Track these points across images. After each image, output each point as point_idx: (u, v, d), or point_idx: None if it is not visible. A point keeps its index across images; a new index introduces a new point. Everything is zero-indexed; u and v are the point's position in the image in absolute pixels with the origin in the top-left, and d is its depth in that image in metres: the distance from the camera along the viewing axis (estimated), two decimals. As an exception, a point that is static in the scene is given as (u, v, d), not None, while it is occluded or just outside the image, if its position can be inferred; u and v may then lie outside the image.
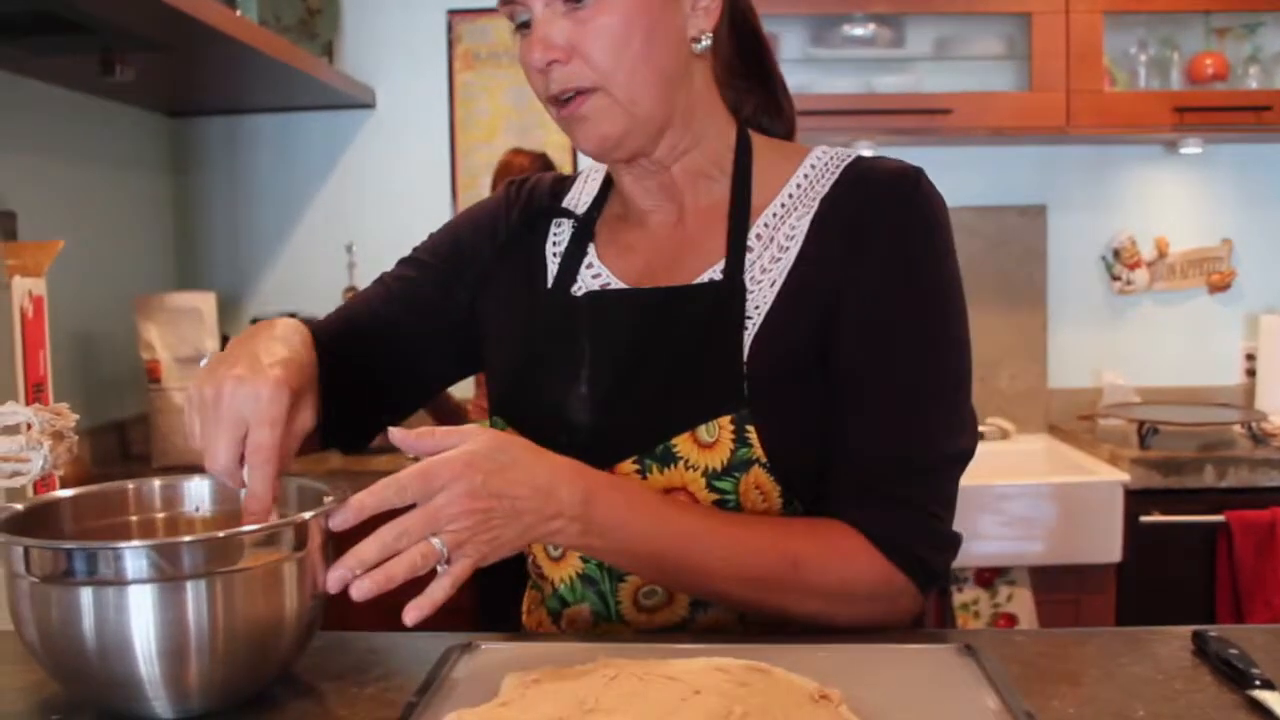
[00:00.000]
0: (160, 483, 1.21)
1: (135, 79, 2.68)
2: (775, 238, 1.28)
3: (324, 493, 1.13)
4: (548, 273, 1.38)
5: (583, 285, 1.35)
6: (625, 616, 1.29)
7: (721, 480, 1.22)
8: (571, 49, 1.22)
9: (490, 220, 1.46)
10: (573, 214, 1.41)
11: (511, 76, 3.68)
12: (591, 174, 1.46)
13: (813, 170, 1.31)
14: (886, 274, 1.22)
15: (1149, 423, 3.19)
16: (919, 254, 1.23)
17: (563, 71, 1.22)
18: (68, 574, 0.96)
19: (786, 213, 1.29)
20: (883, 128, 3.36)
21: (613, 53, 1.22)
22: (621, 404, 1.28)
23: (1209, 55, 3.45)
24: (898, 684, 1.04)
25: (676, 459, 1.23)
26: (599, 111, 1.24)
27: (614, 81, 1.23)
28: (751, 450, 1.20)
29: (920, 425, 1.21)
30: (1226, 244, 3.69)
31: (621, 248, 1.37)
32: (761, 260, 1.27)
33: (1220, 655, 1.10)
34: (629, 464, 1.25)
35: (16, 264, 1.73)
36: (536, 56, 1.22)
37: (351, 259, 3.70)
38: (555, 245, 1.40)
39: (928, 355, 1.22)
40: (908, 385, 1.21)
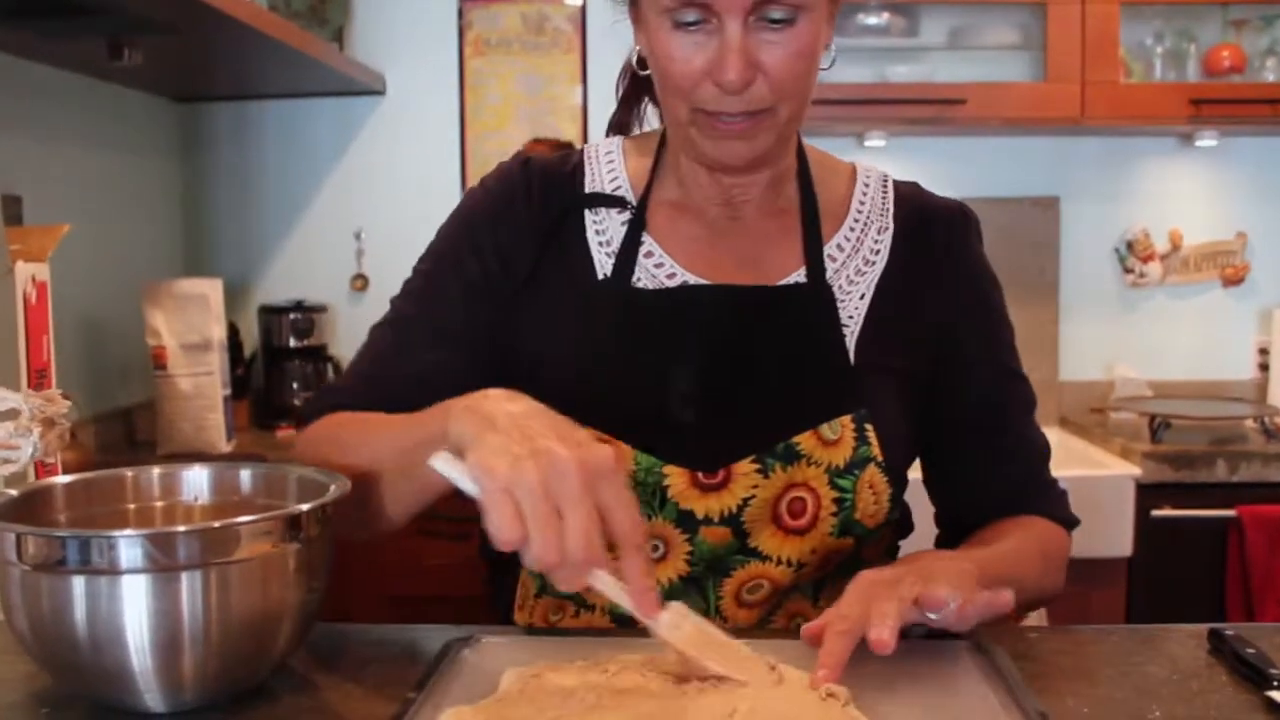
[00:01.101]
0: (159, 470, 1.19)
1: (143, 63, 2.65)
2: (860, 250, 1.34)
3: (325, 483, 1.11)
4: (595, 264, 1.33)
5: (643, 275, 1.32)
6: (725, 613, 1.28)
7: (843, 478, 1.25)
8: (759, 68, 1.18)
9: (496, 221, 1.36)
10: (627, 202, 1.35)
11: (523, 63, 3.66)
12: (601, 154, 1.40)
13: (868, 186, 1.38)
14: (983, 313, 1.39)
15: (1161, 416, 3.16)
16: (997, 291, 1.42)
17: (749, 91, 1.18)
18: (60, 562, 0.95)
19: (865, 226, 1.35)
20: (896, 118, 3.33)
21: (799, 77, 1.20)
22: (730, 402, 1.27)
23: (1226, 47, 3.41)
24: (908, 681, 1.03)
25: (800, 456, 1.25)
26: (763, 132, 1.22)
27: (787, 104, 1.21)
28: (870, 448, 1.25)
29: (1034, 423, 1.41)
30: (1241, 238, 3.66)
31: (683, 238, 1.34)
32: (847, 271, 1.33)
33: (1238, 654, 1.08)
34: (747, 463, 1.24)
35: (20, 248, 1.71)
36: (733, 76, 1.16)
37: (360, 246, 3.68)
38: (600, 235, 1.35)
39: (1021, 367, 1.41)
40: (1020, 399, 1.40)
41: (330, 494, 1.07)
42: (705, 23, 1.17)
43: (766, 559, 1.26)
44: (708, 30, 1.17)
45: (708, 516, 1.25)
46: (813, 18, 1.18)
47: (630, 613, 0.96)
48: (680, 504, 1.25)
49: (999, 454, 1.38)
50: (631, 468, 1.24)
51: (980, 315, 1.39)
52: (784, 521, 1.25)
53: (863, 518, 1.25)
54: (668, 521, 1.26)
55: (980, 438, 1.37)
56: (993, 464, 1.38)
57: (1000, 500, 1.37)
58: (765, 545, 1.26)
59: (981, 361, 1.37)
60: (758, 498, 1.24)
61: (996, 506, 1.37)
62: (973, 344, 1.37)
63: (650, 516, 1.26)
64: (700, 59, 1.17)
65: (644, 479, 1.24)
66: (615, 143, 1.42)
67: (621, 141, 1.43)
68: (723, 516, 1.25)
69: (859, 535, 1.27)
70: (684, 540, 1.26)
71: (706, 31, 1.17)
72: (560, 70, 3.66)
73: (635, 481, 1.24)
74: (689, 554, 1.27)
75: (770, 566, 1.27)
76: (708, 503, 1.25)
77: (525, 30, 3.66)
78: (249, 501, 1.18)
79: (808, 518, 1.24)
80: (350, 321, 3.70)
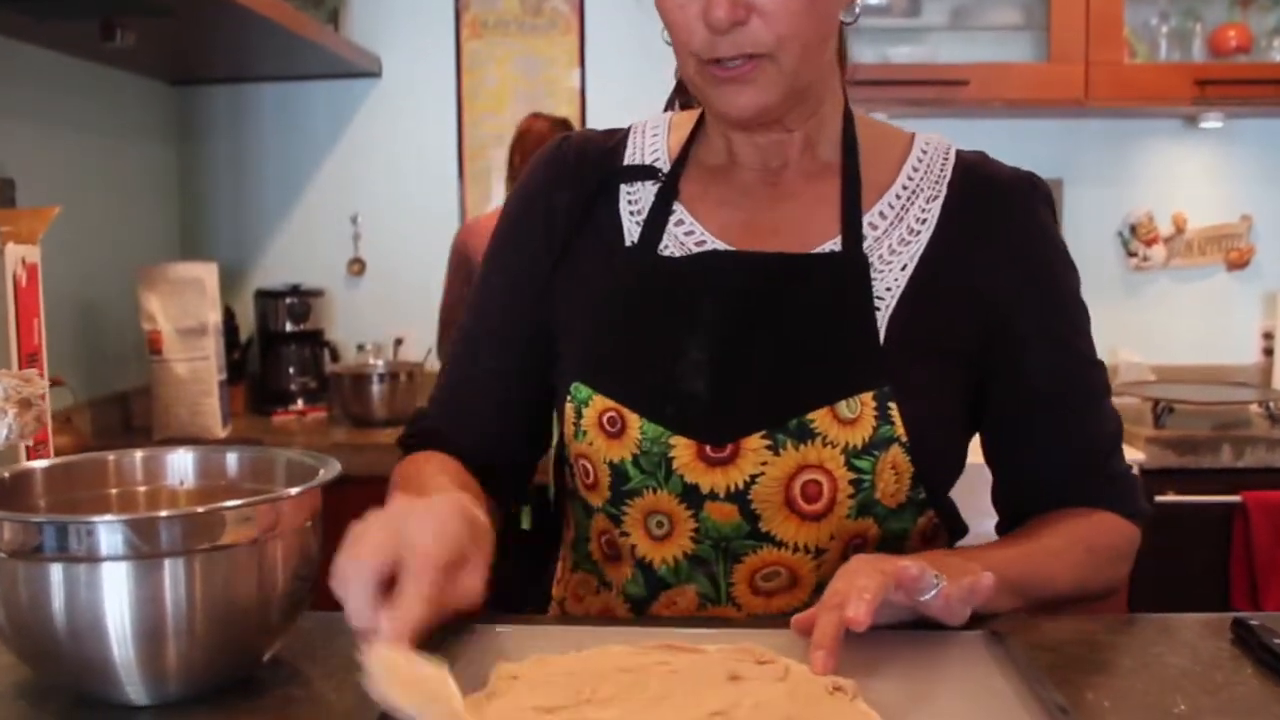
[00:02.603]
0: (142, 454, 1.16)
1: (137, 45, 2.64)
2: (904, 219, 1.27)
3: (314, 468, 1.08)
4: (625, 232, 1.31)
5: (671, 243, 1.29)
6: (738, 600, 1.24)
7: (861, 459, 1.19)
8: (752, 8, 1.14)
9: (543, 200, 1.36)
10: (658, 171, 1.33)
11: (520, 45, 3.63)
12: (649, 127, 1.38)
13: (924, 155, 1.31)
14: (1046, 290, 1.29)
15: (1164, 401, 3.14)
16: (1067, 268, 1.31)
17: (740, 32, 1.15)
18: (37, 549, 0.92)
19: (912, 195, 1.28)
20: (898, 98, 3.31)
21: (797, 19, 1.15)
22: (744, 374, 1.22)
23: (1232, 27, 3.39)
24: (922, 674, 0.99)
25: (814, 435, 1.19)
26: (765, 78, 1.18)
27: (788, 49, 1.16)
28: (893, 428, 1.19)
29: (1104, 411, 1.32)
30: (1246, 220, 3.64)
31: (714, 204, 1.30)
32: (889, 240, 1.26)
33: (1265, 644, 1.05)
34: (757, 439, 1.20)
35: (10, 230, 1.69)
36: (722, 15, 1.12)
37: (356, 230, 3.67)
38: (632, 205, 1.32)
39: (1094, 352, 1.32)
40: (1087, 384, 1.30)
41: (319, 478, 1.04)
42: None
43: (782, 545, 1.22)
44: None
45: (713, 492, 1.21)
46: None
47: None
48: (686, 477, 1.21)
49: (1058, 441, 1.29)
50: (638, 437, 1.21)
51: (1042, 291, 1.28)
52: (798, 506, 1.20)
53: (883, 498, 1.21)
54: (673, 495, 1.22)
55: (1039, 423, 1.29)
56: (1050, 451, 1.30)
57: (1057, 490, 1.30)
58: (779, 530, 1.21)
59: (1042, 342, 1.28)
60: (767, 475, 1.20)
61: (1053, 496, 1.30)
62: (1031, 322, 1.27)
63: (655, 489, 1.22)
64: (694, 4, 1.15)
65: (650, 449, 1.21)
66: (665, 117, 1.40)
67: (671, 116, 1.41)
68: (729, 493, 1.21)
69: (879, 516, 1.23)
70: (689, 516, 1.22)
71: None
72: (558, 52, 3.63)
73: (641, 451, 1.21)
74: (694, 530, 1.23)
75: (786, 553, 1.22)
76: (714, 477, 1.21)
77: (523, 12, 3.63)
78: (236, 486, 1.15)
79: (823, 502, 1.20)
80: (347, 305, 3.69)
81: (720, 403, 1.21)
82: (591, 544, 1.32)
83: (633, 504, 1.24)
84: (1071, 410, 1.29)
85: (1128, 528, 1.30)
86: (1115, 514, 1.29)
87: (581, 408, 1.24)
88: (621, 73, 3.56)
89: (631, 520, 1.25)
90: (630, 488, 1.23)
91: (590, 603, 1.33)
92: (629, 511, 1.25)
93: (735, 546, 1.23)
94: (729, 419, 1.21)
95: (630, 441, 1.22)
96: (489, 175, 3.65)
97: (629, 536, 1.26)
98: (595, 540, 1.31)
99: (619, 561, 1.29)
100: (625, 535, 1.27)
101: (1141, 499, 1.32)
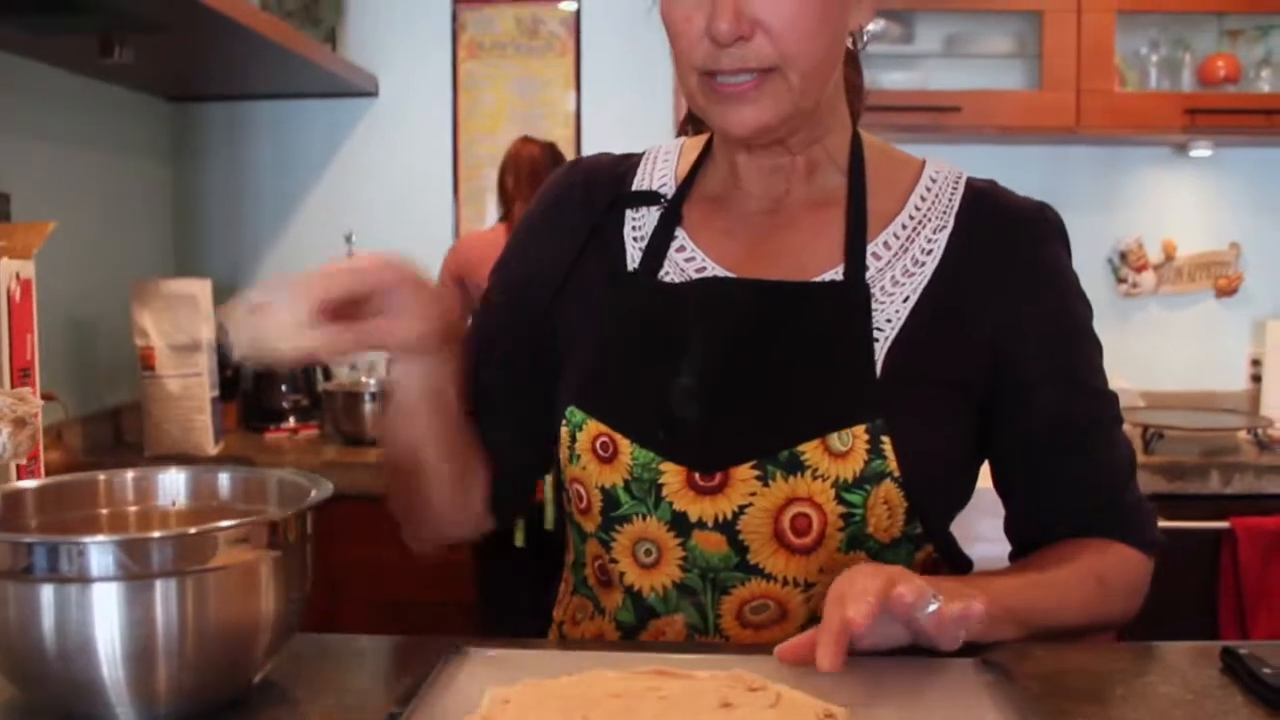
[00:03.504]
0: (133, 474, 1.16)
1: (134, 61, 2.64)
2: (909, 250, 1.25)
3: (307, 488, 1.08)
4: (628, 257, 1.31)
5: (672, 269, 1.28)
6: (726, 631, 1.23)
7: (852, 492, 1.17)
8: (758, 23, 1.13)
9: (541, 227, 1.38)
10: (662, 197, 1.32)
11: (516, 67, 3.64)
12: (662, 153, 1.38)
13: (933, 184, 1.29)
14: (1057, 325, 1.27)
15: (1154, 427, 3.15)
16: (1078, 300, 1.30)
17: (745, 47, 1.14)
18: (27, 570, 0.91)
19: (918, 225, 1.26)
20: (890, 124, 3.31)
21: (804, 35, 1.14)
22: (736, 402, 1.21)
23: (1221, 57, 3.41)
24: (915, 702, 0.99)
25: (804, 467, 1.17)
26: (771, 95, 1.16)
27: (795, 65, 1.15)
28: (886, 463, 1.17)
29: (1117, 440, 1.30)
30: (1235, 248, 3.65)
31: (717, 231, 1.30)
32: (893, 271, 1.24)
33: (1253, 673, 1.05)
34: (746, 469, 1.19)
35: (4, 245, 1.69)
36: (725, 28, 1.12)
37: (350, 249, 3.66)
38: (635, 230, 1.32)
39: (1104, 384, 1.31)
40: (1098, 415, 1.29)
41: (310, 499, 1.04)
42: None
43: (771, 578, 1.21)
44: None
45: (701, 520, 1.20)
46: None
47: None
48: (675, 504, 1.20)
49: (1070, 473, 1.27)
50: (629, 462, 1.21)
51: (1053, 327, 1.26)
52: (787, 539, 1.19)
53: (875, 532, 1.19)
54: (662, 522, 1.22)
55: (1050, 455, 1.27)
56: (1064, 482, 1.28)
57: (1070, 520, 1.28)
58: (768, 563, 1.20)
59: (1052, 377, 1.26)
60: (755, 506, 1.19)
61: (1066, 526, 1.28)
62: (1041, 355, 1.25)
63: (645, 516, 1.22)
64: (700, 17, 1.15)
65: (640, 474, 1.21)
66: (679, 142, 1.40)
67: (685, 141, 1.40)
68: (717, 522, 1.20)
69: (873, 550, 1.21)
70: (677, 544, 1.22)
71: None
72: (554, 74, 3.64)
73: (632, 477, 1.21)
74: (683, 559, 1.22)
75: (775, 586, 1.21)
76: (702, 506, 1.20)
77: (519, 34, 3.64)
78: (228, 507, 1.15)
79: (813, 536, 1.19)
80: (340, 324, 3.68)
81: (711, 430, 1.20)
82: (587, 569, 1.32)
83: (622, 530, 1.24)
84: (1084, 441, 1.27)
85: (1141, 560, 1.28)
86: (1129, 545, 1.27)
87: (576, 431, 1.24)
88: (617, 95, 3.57)
89: (621, 547, 1.25)
90: (620, 513, 1.23)
91: (586, 627, 1.33)
92: (618, 538, 1.25)
93: (723, 578, 1.22)
94: (719, 447, 1.20)
95: (622, 466, 1.21)
96: (484, 195, 3.66)
97: (618, 564, 1.26)
98: (590, 565, 1.31)
99: (611, 588, 1.29)
100: (615, 562, 1.26)
101: (1155, 530, 1.30)
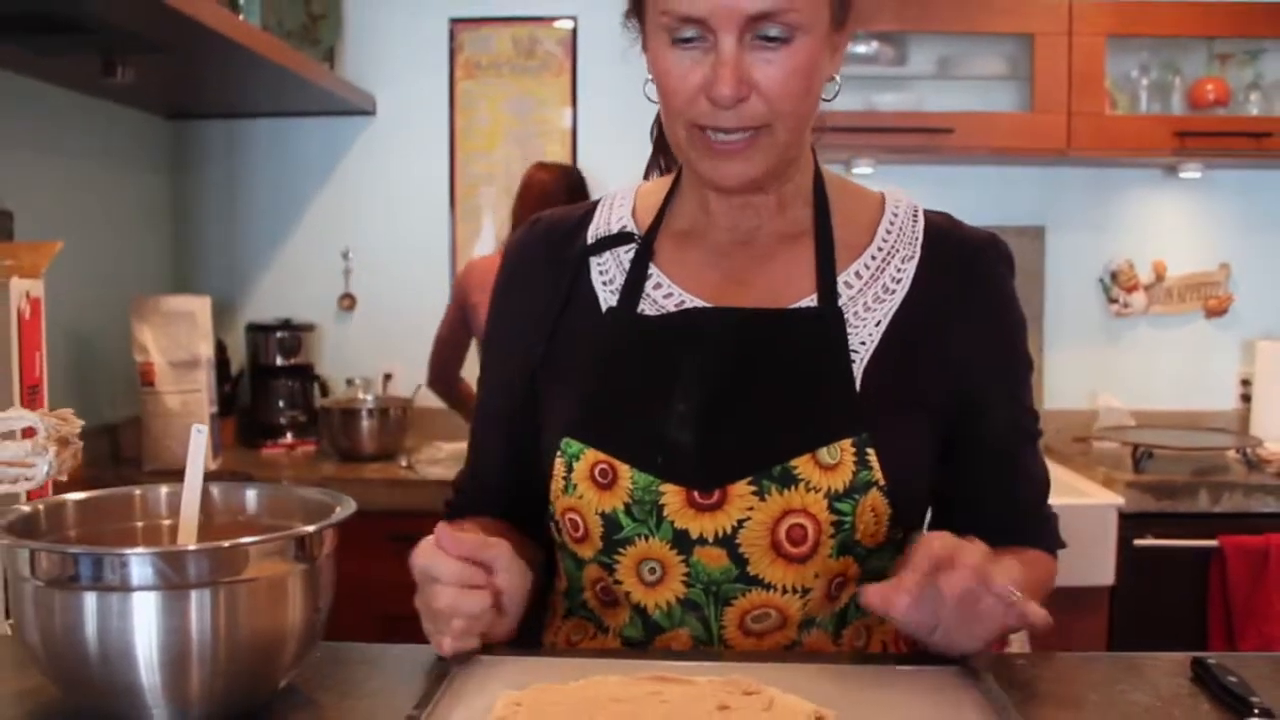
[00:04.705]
0: (166, 489, 1.20)
1: (136, 81, 2.67)
2: (880, 278, 1.33)
3: (331, 504, 1.12)
4: (600, 300, 1.36)
5: (649, 306, 1.34)
6: (729, 641, 1.28)
7: (842, 502, 1.24)
8: (754, 87, 1.20)
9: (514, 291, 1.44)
10: (634, 235, 1.38)
11: (512, 86, 3.67)
12: (615, 200, 1.44)
13: (896, 216, 1.37)
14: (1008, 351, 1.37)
15: (1144, 446, 3.19)
16: (1022, 326, 1.39)
17: (742, 108, 1.20)
18: (73, 579, 0.95)
19: (888, 256, 1.34)
20: (883, 146, 3.36)
21: (794, 97, 1.21)
22: (729, 423, 1.27)
23: (1210, 80, 3.46)
24: (896, 707, 1.04)
25: (797, 480, 1.24)
26: (761, 151, 1.24)
27: (783, 123, 1.22)
28: (872, 473, 1.24)
29: (1039, 458, 1.41)
30: (1224, 269, 3.70)
31: (690, 265, 1.36)
32: (865, 298, 1.31)
33: (1220, 682, 1.10)
34: (743, 485, 1.24)
35: (14, 264, 1.70)
36: (728, 93, 1.18)
37: (348, 265, 3.69)
38: (604, 275, 1.37)
39: (1032, 399, 1.40)
40: (1030, 433, 1.39)
41: (336, 515, 1.08)
42: (702, 39, 1.20)
43: (770, 587, 1.26)
44: (704, 47, 1.20)
45: (702, 537, 1.25)
46: (809, 39, 1.20)
47: None
48: (676, 523, 1.25)
49: (1003, 489, 1.37)
50: (629, 486, 1.26)
51: (1004, 351, 1.36)
52: (784, 549, 1.24)
53: (863, 538, 1.26)
54: (664, 542, 1.26)
55: (988, 473, 1.37)
56: (995, 498, 1.37)
57: (996, 533, 1.31)
58: (767, 574, 1.26)
59: (1000, 401, 1.36)
60: (753, 520, 1.24)
61: (997, 535, 1.31)
62: (994, 382, 1.35)
63: (647, 537, 1.27)
64: (697, 75, 1.20)
65: (641, 497, 1.26)
66: (631, 188, 1.46)
67: (638, 186, 1.46)
68: (718, 537, 1.25)
69: (860, 555, 1.27)
70: (680, 561, 1.27)
71: (703, 49, 1.20)
72: (550, 93, 3.67)
73: (632, 500, 1.26)
74: (686, 575, 1.27)
75: (775, 595, 1.26)
76: (703, 523, 1.25)
77: (516, 53, 3.67)
78: (255, 521, 1.19)
79: (808, 545, 1.24)
80: (337, 340, 3.71)
81: (707, 452, 1.25)
82: (586, 592, 1.35)
83: (625, 552, 1.28)
84: (1019, 460, 1.38)
85: (1053, 564, 1.40)
86: (1042, 551, 1.38)
87: (573, 461, 1.28)
88: (612, 114, 3.61)
89: (624, 568, 1.29)
90: (622, 536, 1.27)
91: (588, 646, 1.36)
92: (621, 560, 1.29)
93: (725, 590, 1.27)
94: (716, 467, 1.25)
95: (622, 491, 1.26)
96: (480, 213, 3.69)
97: (622, 584, 1.30)
98: (590, 589, 1.35)
99: (616, 607, 1.32)
100: (619, 583, 1.30)
101: (1058, 535, 1.42)
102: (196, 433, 1.14)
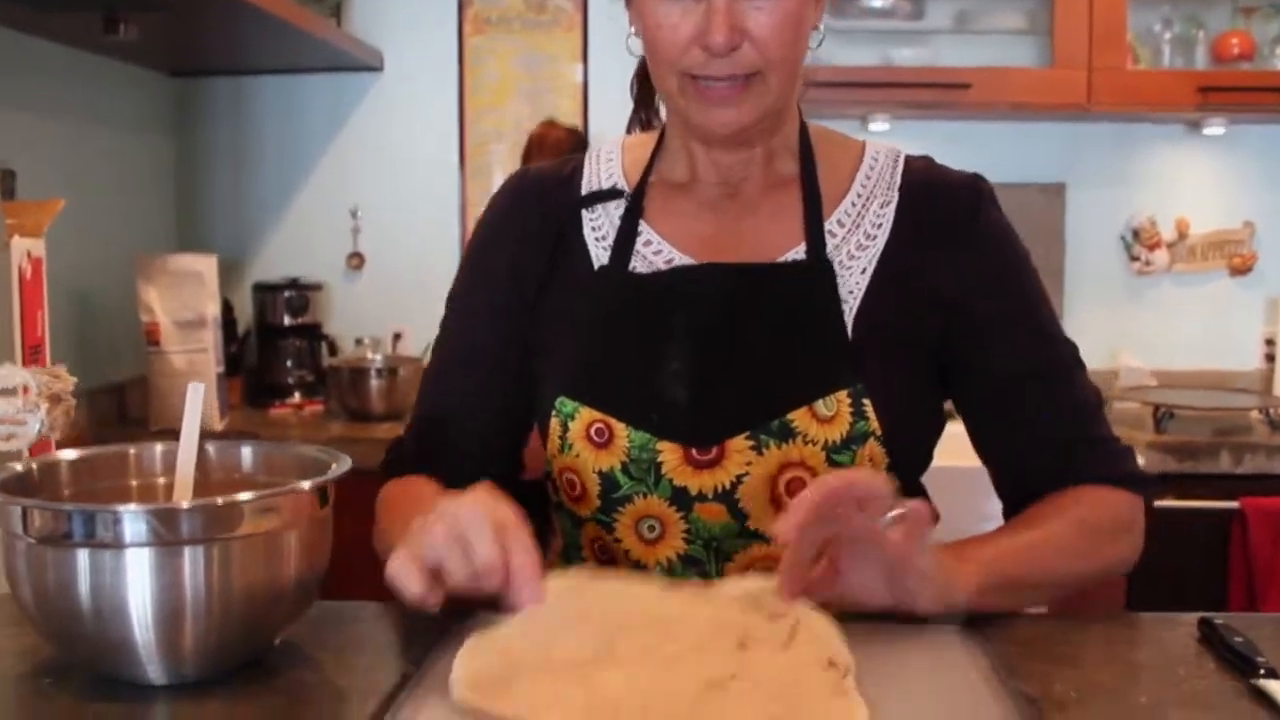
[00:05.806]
0: (161, 447, 1.21)
1: (139, 38, 2.64)
2: (861, 225, 1.34)
3: (326, 462, 1.12)
4: (592, 257, 1.37)
5: (640, 262, 1.35)
6: None
7: (840, 454, 1.25)
8: (745, 33, 1.22)
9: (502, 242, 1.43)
10: (622, 192, 1.39)
11: (523, 41, 3.63)
12: (603, 154, 1.45)
13: (875, 162, 1.38)
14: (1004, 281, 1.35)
15: (1165, 406, 3.15)
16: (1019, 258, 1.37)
17: (733, 55, 1.22)
18: (65, 536, 0.96)
19: (866, 202, 1.35)
20: (900, 101, 3.32)
21: (785, 43, 1.24)
22: (724, 380, 1.28)
23: (1235, 34, 3.40)
24: (898, 663, 1.05)
25: (795, 433, 1.25)
26: (752, 98, 1.26)
27: (774, 70, 1.25)
28: (868, 423, 1.25)
29: (1078, 382, 1.35)
30: (1248, 226, 3.64)
31: (678, 220, 1.37)
32: (848, 246, 1.33)
33: (1226, 642, 1.10)
34: (742, 439, 1.25)
35: (15, 223, 1.71)
36: (721, 40, 1.20)
37: (356, 224, 3.66)
38: (596, 230, 1.38)
39: (1059, 330, 1.37)
40: (1058, 360, 1.35)
41: (331, 472, 1.08)
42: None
43: (770, 542, 1.27)
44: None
45: (702, 493, 1.27)
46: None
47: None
48: (674, 480, 1.27)
49: (1037, 417, 1.33)
50: (626, 445, 1.27)
51: (1002, 280, 1.35)
52: (784, 503, 1.25)
53: None
54: (663, 499, 1.28)
55: (1015, 403, 1.34)
56: (1033, 427, 1.34)
57: (1044, 466, 1.33)
58: (767, 527, 1.26)
59: (1007, 328, 1.34)
60: (752, 475, 1.26)
61: (1042, 473, 1.33)
62: (994, 311, 1.34)
63: (645, 494, 1.28)
64: (688, 25, 1.22)
65: (638, 456, 1.27)
66: (616, 142, 1.47)
67: (623, 140, 1.48)
68: (717, 493, 1.26)
69: None
70: (680, 518, 1.28)
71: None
72: (560, 49, 3.63)
73: (629, 459, 1.27)
74: (685, 532, 1.29)
75: (776, 549, 1.24)
76: (701, 479, 1.27)
77: (526, 8, 3.63)
78: (250, 478, 1.20)
79: None
80: (345, 299, 3.68)
81: (703, 408, 1.27)
82: (585, 550, 1.37)
83: (623, 510, 1.30)
84: (1045, 384, 1.34)
85: (1124, 497, 1.32)
86: (1108, 486, 1.32)
87: (568, 421, 1.30)
88: (623, 69, 3.52)
89: (623, 526, 1.31)
90: (620, 494, 1.29)
91: None
92: (620, 518, 1.30)
93: (726, 545, 1.29)
94: (713, 423, 1.27)
95: (618, 450, 1.28)
96: (490, 171, 3.65)
97: (621, 542, 1.32)
98: (588, 547, 1.36)
99: (615, 565, 1.34)
100: (618, 541, 1.32)
101: (1134, 464, 1.35)
102: (193, 390, 1.13)
